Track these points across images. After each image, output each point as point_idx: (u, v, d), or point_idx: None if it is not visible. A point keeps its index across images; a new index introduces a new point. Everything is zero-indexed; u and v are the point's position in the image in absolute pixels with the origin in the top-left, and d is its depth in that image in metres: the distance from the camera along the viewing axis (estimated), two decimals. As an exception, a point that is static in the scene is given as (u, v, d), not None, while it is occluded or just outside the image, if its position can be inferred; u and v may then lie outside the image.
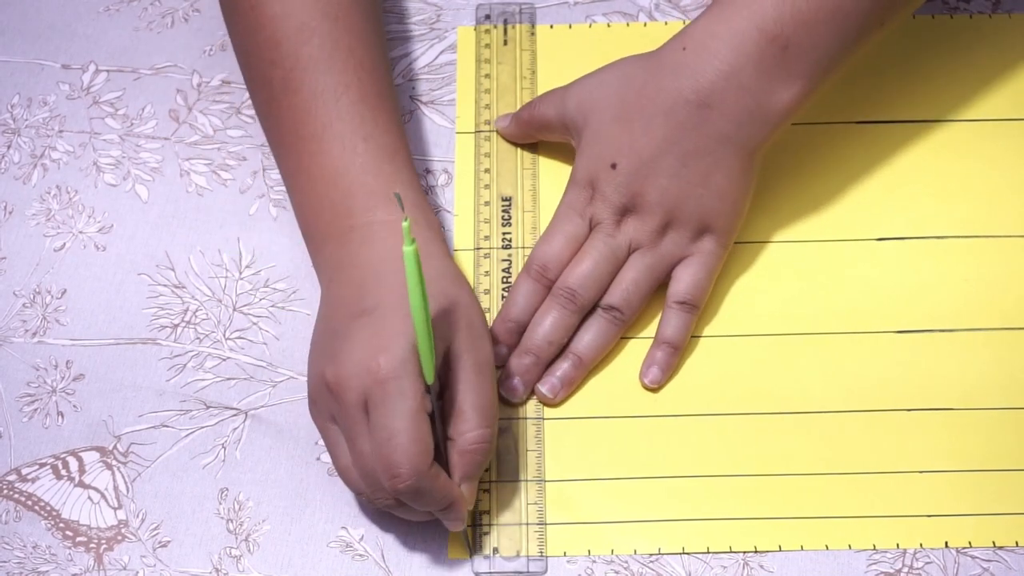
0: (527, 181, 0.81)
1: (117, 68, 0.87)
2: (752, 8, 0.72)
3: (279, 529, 0.72)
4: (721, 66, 0.72)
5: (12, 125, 0.85)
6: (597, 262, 0.75)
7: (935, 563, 0.70)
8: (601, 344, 0.75)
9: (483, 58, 0.86)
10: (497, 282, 0.78)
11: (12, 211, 0.82)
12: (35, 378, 0.76)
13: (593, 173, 0.75)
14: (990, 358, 0.75)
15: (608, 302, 0.75)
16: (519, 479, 0.72)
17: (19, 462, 0.74)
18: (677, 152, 0.74)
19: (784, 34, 0.72)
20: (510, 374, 0.74)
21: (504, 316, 0.76)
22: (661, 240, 0.75)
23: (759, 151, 0.75)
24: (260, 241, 0.80)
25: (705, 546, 0.71)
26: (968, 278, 0.78)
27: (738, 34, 0.72)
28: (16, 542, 0.71)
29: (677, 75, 0.73)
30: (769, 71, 0.72)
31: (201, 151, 0.84)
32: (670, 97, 0.73)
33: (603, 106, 0.76)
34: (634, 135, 0.74)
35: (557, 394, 0.74)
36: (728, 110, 0.73)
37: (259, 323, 0.78)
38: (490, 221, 0.80)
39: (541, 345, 0.74)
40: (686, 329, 0.75)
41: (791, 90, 0.73)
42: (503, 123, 0.83)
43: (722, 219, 0.75)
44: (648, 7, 0.89)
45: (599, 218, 0.75)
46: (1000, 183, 0.81)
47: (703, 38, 0.73)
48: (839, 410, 0.74)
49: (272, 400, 0.75)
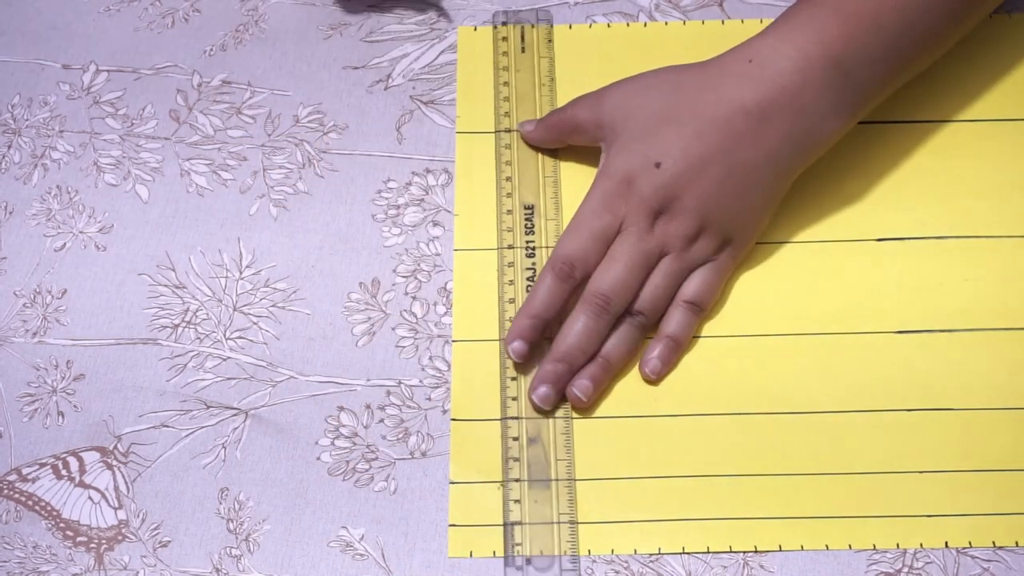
0: (549, 189, 0.81)
1: (117, 68, 0.87)
2: (821, 34, 0.73)
3: (279, 529, 0.72)
4: (786, 84, 0.73)
5: (12, 125, 0.85)
6: (630, 269, 0.74)
7: (935, 563, 0.70)
8: (628, 348, 0.75)
9: (501, 65, 0.86)
10: (521, 291, 0.78)
11: (12, 211, 0.82)
12: (35, 378, 0.76)
13: (632, 169, 0.75)
14: (990, 358, 0.75)
15: (636, 307, 0.75)
16: (547, 479, 0.72)
17: (19, 462, 0.74)
18: (727, 162, 0.74)
19: (846, 64, 0.73)
20: (542, 382, 0.74)
21: (527, 311, 0.75)
22: (691, 247, 0.75)
23: (794, 175, 0.76)
24: (260, 241, 0.80)
25: (705, 546, 0.71)
26: (968, 278, 0.78)
27: (806, 57, 0.73)
28: (16, 542, 0.71)
29: (740, 86, 0.74)
30: (828, 98, 0.74)
31: (201, 151, 0.84)
32: (730, 106, 0.74)
33: (649, 107, 0.75)
34: (685, 138, 0.74)
35: (589, 397, 0.74)
36: (783, 128, 0.74)
37: (259, 323, 0.78)
38: (513, 229, 0.80)
39: (575, 354, 0.74)
40: (690, 327, 0.75)
41: (841, 118, 0.75)
42: (528, 127, 0.82)
43: (744, 234, 0.76)
44: (648, 7, 0.89)
45: (631, 219, 0.75)
46: (1000, 183, 0.81)
47: (770, 54, 0.74)
48: (839, 410, 0.74)
49: (272, 400, 0.75)
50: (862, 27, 0.74)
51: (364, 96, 0.86)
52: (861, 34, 0.74)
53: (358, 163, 0.83)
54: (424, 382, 0.76)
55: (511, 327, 0.75)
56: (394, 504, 0.72)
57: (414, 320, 0.78)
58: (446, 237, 0.80)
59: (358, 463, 0.73)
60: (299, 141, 0.84)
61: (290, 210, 0.81)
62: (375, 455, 0.74)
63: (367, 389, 0.75)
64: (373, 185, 0.82)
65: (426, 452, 0.74)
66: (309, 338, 0.77)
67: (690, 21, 0.88)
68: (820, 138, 0.75)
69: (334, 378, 0.76)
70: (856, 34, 0.74)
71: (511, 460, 0.73)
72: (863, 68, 0.74)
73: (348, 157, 0.83)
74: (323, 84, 0.86)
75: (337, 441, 0.74)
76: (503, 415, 0.74)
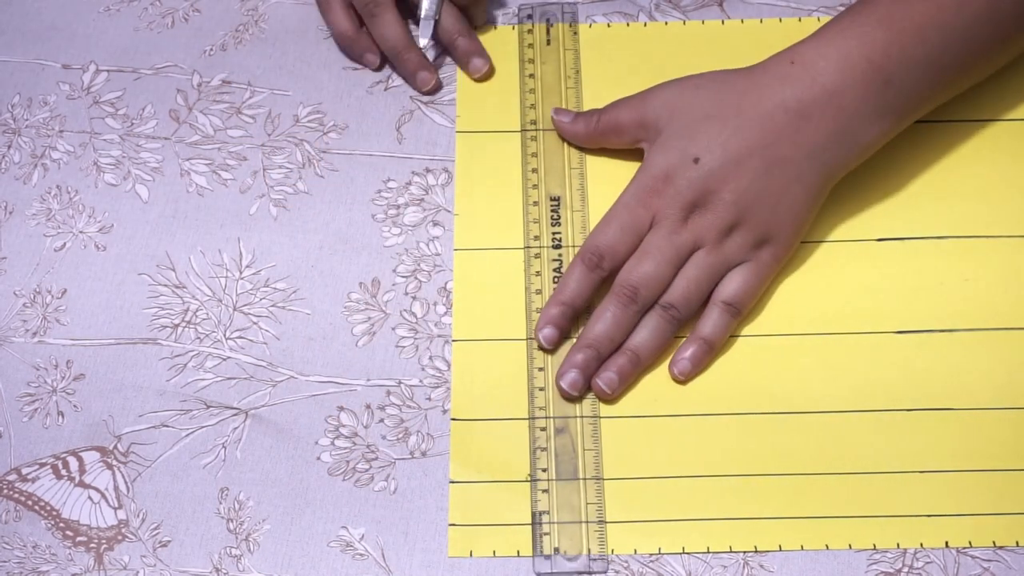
0: (575, 181, 0.81)
1: (117, 68, 0.87)
2: (863, 40, 0.74)
3: (279, 529, 0.72)
4: (826, 83, 0.74)
5: (12, 125, 0.85)
6: (659, 262, 0.75)
7: (935, 563, 0.70)
8: (658, 342, 0.75)
9: (527, 58, 0.86)
10: (548, 282, 0.78)
11: (12, 211, 0.82)
12: (35, 378, 0.76)
13: (671, 165, 0.75)
14: (990, 358, 0.75)
15: (668, 300, 0.75)
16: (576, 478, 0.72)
17: (19, 462, 0.74)
18: (766, 156, 0.74)
19: (889, 69, 0.74)
20: (570, 367, 0.74)
21: (556, 299, 0.75)
22: (725, 241, 0.75)
23: (836, 177, 0.76)
24: (260, 241, 0.80)
25: (705, 546, 0.71)
26: (968, 278, 0.78)
27: (847, 59, 0.74)
28: (16, 542, 0.71)
29: (782, 84, 0.75)
30: (869, 100, 0.74)
31: (201, 151, 0.84)
32: (771, 103, 0.74)
33: (695, 105, 0.76)
34: (725, 133, 0.75)
35: (615, 389, 0.74)
36: (823, 127, 0.74)
37: (259, 323, 0.78)
38: (539, 221, 0.80)
39: (602, 341, 0.74)
40: (725, 329, 0.75)
41: (882, 124, 0.75)
42: (566, 118, 0.82)
43: (786, 231, 0.75)
44: (648, 7, 0.89)
45: (665, 213, 0.75)
46: (1000, 183, 0.81)
47: (813, 56, 0.75)
48: (839, 410, 0.74)
49: (272, 400, 0.75)
50: (905, 36, 0.74)
51: (364, 96, 0.86)
52: (904, 43, 0.74)
53: (358, 163, 0.83)
54: (424, 382, 0.76)
55: (540, 315, 0.75)
56: (394, 504, 0.72)
57: (414, 320, 0.78)
58: (446, 237, 0.80)
59: (358, 463, 0.73)
60: (299, 141, 0.84)
61: (290, 210, 0.81)
62: (375, 455, 0.74)
63: (367, 389, 0.75)
64: (373, 185, 0.82)
65: (426, 452, 0.74)
66: (309, 338, 0.77)
67: (690, 21, 0.88)
68: (861, 141, 0.75)
69: (334, 378, 0.76)
70: (899, 42, 0.74)
71: (539, 451, 0.73)
72: (905, 76, 0.75)
73: (348, 157, 0.83)
74: (323, 84, 0.86)
75: (337, 441, 0.74)
76: (530, 405, 0.74)
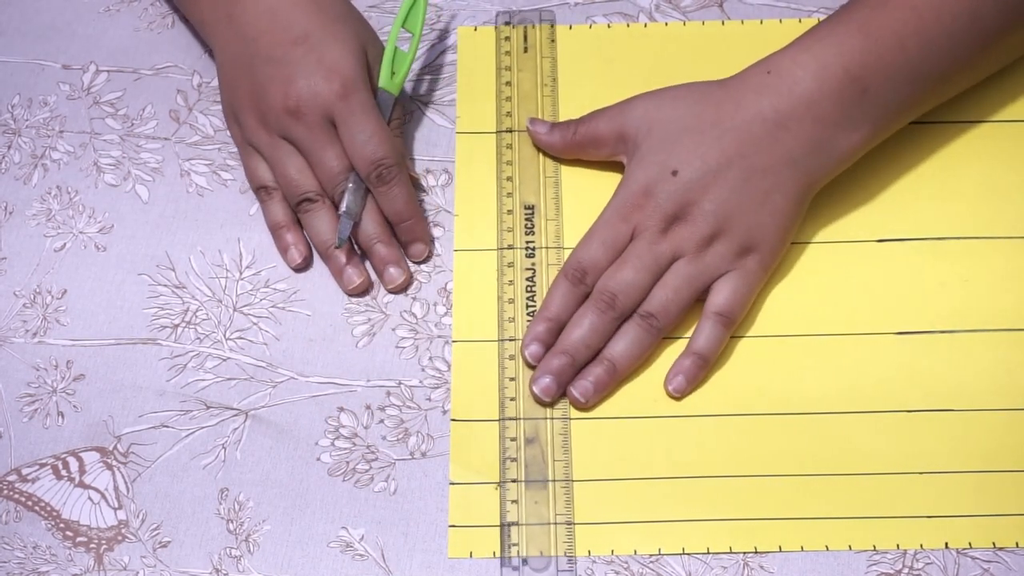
0: (550, 190, 0.81)
1: (117, 68, 0.87)
2: (840, 48, 0.74)
3: (279, 529, 0.72)
4: (803, 93, 0.74)
5: (12, 125, 0.85)
6: (639, 269, 0.74)
7: (935, 564, 0.70)
8: (636, 352, 0.74)
9: (503, 65, 0.86)
10: (521, 291, 0.78)
11: (12, 211, 0.82)
12: (35, 378, 0.76)
13: (651, 179, 0.75)
14: (990, 359, 0.75)
15: (647, 309, 0.75)
16: (542, 479, 0.72)
17: (19, 462, 0.74)
18: (744, 166, 0.74)
19: (866, 79, 0.74)
20: (544, 373, 0.74)
21: (542, 316, 0.75)
22: (706, 251, 0.75)
23: (817, 185, 0.76)
24: (260, 241, 0.80)
25: (705, 546, 0.71)
26: (968, 279, 0.78)
27: (824, 68, 0.74)
28: (16, 542, 0.71)
29: (759, 94, 0.75)
30: (846, 109, 0.74)
31: (201, 151, 0.84)
32: (748, 113, 0.74)
33: (673, 118, 0.76)
34: (704, 144, 0.75)
35: (589, 399, 0.74)
36: (801, 136, 0.74)
37: (259, 323, 0.78)
38: (513, 229, 0.80)
39: (578, 347, 0.74)
40: (719, 342, 0.75)
41: (861, 132, 0.75)
42: (540, 129, 0.82)
43: (769, 239, 0.75)
44: (648, 8, 0.89)
45: (645, 224, 0.75)
46: (1000, 183, 0.81)
47: (789, 66, 0.75)
48: (839, 411, 0.74)
49: (272, 400, 0.75)
50: (883, 45, 0.74)
51: (364, 96, 0.86)
52: (882, 52, 0.74)
53: (358, 163, 0.83)
54: (424, 382, 0.76)
55: (527, 332, 0.75)
56: (394, 505, 0.72)
57: (414, 320, 0.78)
58: (446, 237, 0.80)
59: (358, 464, 0.73)
60: (299, 141, 0.84)
61: (290, 210, 0.81)
62: (375, 456, 0.73)
63: (367, 390, 0.75)
64: (373, 185, 0.82)
65: (426, 453, 0.74)
66: (309, 339, 0.77)
67: (690, 22, 0.88)
68: (840, 149, 0.75)
69: (334, 379, 0.76)
70: (876, 51, 0.74)
71: (508, 460, 0.73)
72: (883, 86, 0.74)
73: (348, 157, 0.83)
74: (323, 84, 0.86)
75: (337, 442, 0.74)
76: (501, 415, 0.74)
